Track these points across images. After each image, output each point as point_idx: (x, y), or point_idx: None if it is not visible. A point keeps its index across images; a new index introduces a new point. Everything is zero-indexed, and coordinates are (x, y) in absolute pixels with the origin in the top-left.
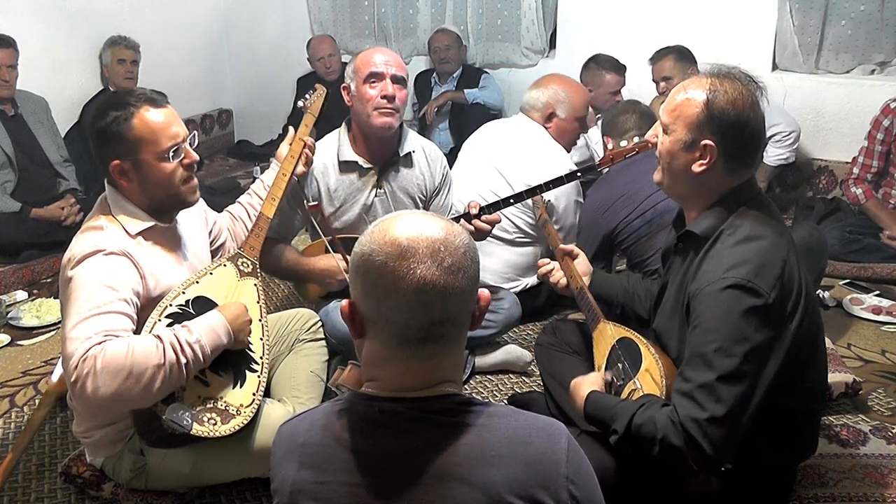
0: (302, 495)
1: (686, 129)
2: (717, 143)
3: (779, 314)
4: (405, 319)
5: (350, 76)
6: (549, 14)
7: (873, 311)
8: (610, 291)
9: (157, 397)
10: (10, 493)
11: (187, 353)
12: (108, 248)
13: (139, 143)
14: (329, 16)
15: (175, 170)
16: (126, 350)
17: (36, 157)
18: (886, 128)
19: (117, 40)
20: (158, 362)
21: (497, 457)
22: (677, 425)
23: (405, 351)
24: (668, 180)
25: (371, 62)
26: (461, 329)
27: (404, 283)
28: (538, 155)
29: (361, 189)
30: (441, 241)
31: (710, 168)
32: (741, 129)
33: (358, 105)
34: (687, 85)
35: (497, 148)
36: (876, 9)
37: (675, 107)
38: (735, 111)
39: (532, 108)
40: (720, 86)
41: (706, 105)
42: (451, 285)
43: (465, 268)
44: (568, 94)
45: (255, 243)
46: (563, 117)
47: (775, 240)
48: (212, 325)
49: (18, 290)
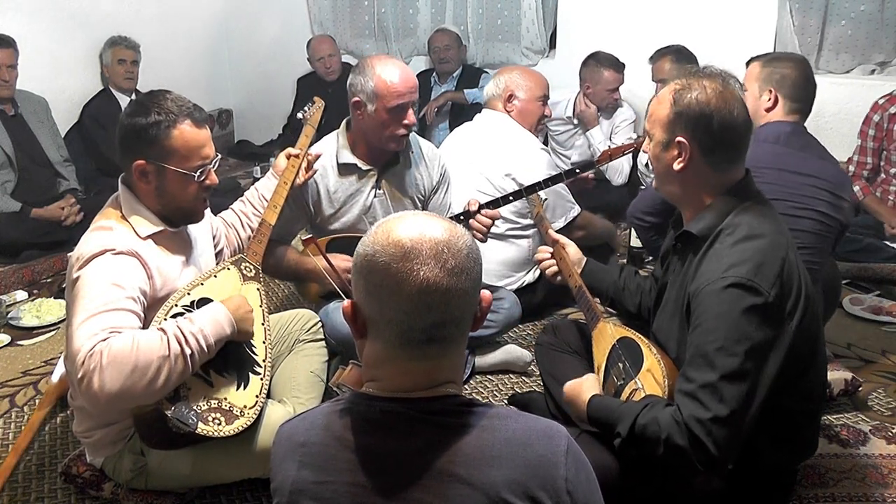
0: (302, 495)
1: (661, 130)
2: (689, 139)
3: (779, 312)
4: (408, 321)
5: (368, 96)
6: (549, 14)
7: (873, 311)
8: (600, 283)
9: (163, 392)
10: (10, 493)
11: (192, 344)
12: (117, 248)
13: (171, 154)
14: (329, 16)
15: (195, 188)
16: (131, 344)
17: (36, 157)
18: (877, 123)
19: (117, 40)
20: (163, 354)
21: (497, 458)
22: (681, 425)
23: (407, 352)
24: (658, 183)
25: (398, 92)
26: (463, 330)
27: (407, 284)
28: (507, 142)
29: (361, 191)
30: (444, 242)
31: (688, 164)
32: (709, 122)
33: (373, 126)
34: (664, 90)
35: (471, 148)
36: (876, 9)
37: (651, 112)
38: (699, 105)
39: (493, 98)
40: (687, 84)
41: (672, 103)
42: (454, 287)
43: (468, 269)
44: (522, 76)
45: (258, 248)
46: (523, 97)
47: (774, 238)
48: (215, 315)
49: (18, 290)
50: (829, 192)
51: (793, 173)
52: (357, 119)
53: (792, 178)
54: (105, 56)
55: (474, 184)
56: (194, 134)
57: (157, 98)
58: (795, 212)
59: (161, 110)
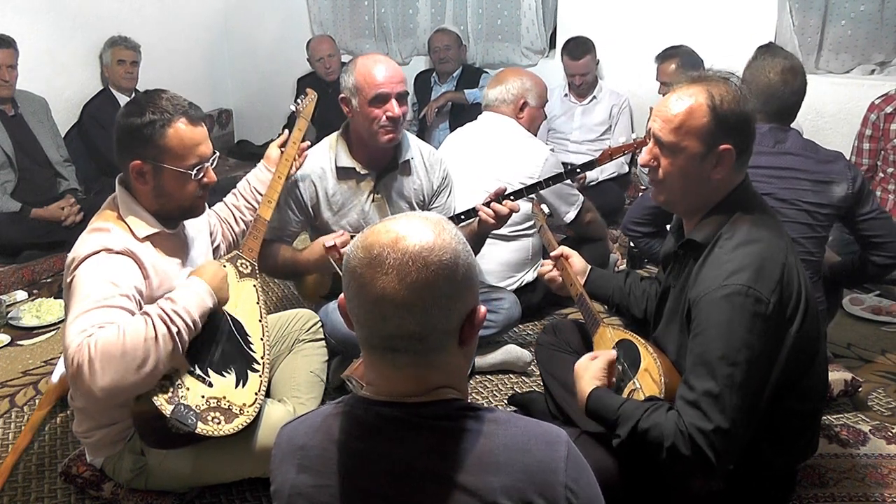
0: (301, 498)
1: (698, 141)
2: (734, 145)
3: (780, 319)
4: (368, 327)
5: (351, 91)
6: (548, 14)
7: (873, 311)
8: (605, 290)
9: (155, 375)
10: (10, 493)
11: (177, 322)
12: (112, 248)
13: (167, 153)
14: (329, 16)
15: (193, 186)
16: (118, 333)
17: (36, 157)
18: (873, 122)
19: (118, 41)
20: (150, 336)
21: (495, 463)
22: (685, 435)
23: (376, 357)
24: (678, 197)
25: (375, 83)
26: (431, 345)
27: (365, 291)
28: (520, 147)
29: (359, 195)
30: (414, 254)
31: (727, 172)
32: (748, 124)
33: (361, 121)
34: (679, 99)
35: (478, 151)
36: (876, 9)
37: (678, 123)
38: (739, 109)
39: (502, 103)
40: (714, 90)
41: (712, 110)
42: (410, 302)
43: (434, 286)
44: (533, 83)
45: (254, 245)
46: (534, 105)
47: (774, 242)
48: (195, 290)
49: (18, 290)
50: (810, 180)
51: (768, 168)
52: (349, 118)
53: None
54: (105, 56)
55: (482, 185)
56: (190, 132)
57: (152, 97)
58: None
59: (156, 109)
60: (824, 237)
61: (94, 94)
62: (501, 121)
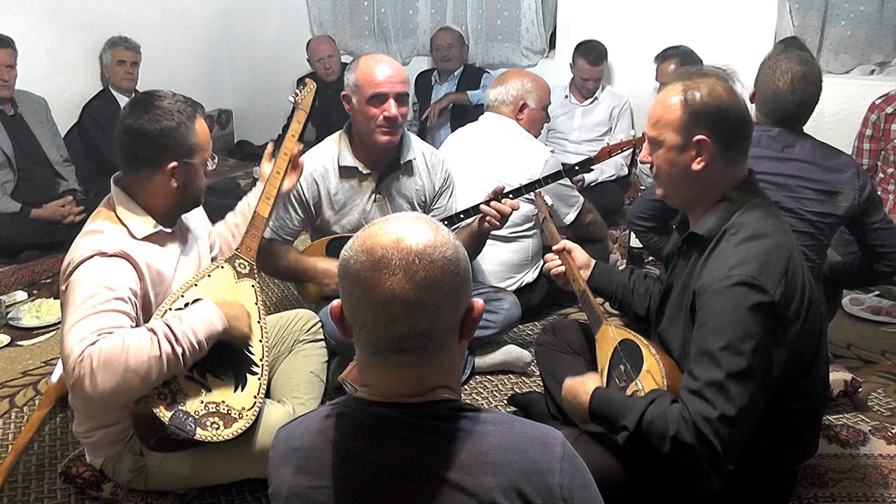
0: (298, 499)
1: (674, 133)
2: (709, 135)
3: (784, 311)
4: (376, 330)
5: (351, 88)
6: (548, 14)
7: (873, 312)
8: (608, 286)
9: (158, 382)
10: (10, 493)
11: (183, 343)
12: (106, 251)
13: (196, 148)
14: (329, 16)
15: (204, 176)
16: (121, 346)
17: (36, 157)
18: (874, 122)
19: (118, 41)
20: (155, 354)
21: (491, 463)
22: (689, 423)
23: (380, 359)
24: (672, 190)
25: (374, 82)
26: (440, 342)
27: (373, 294)
28: (520, 148)
29: (360, 194)
30: (419, 252)
31: (709, 162)
32: (725, 115)
33: (360, 120)
34: (660, 96)
35: (478, 151)
36: (876, 9)
37: (657, 119)
38: (713, 100)
39: (501, 104)
40: (691, 83)
41: (684, 104)
42: (420, 300)
43: (441, 283)
44: (534, 84)
45: (252, 244)
46: (534, 107)
47: (779, 238)
48: (205, 313)
49: (18, 290)
50: (815, 189)
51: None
52: (351, 116)
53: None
54: (105, 57)
55: (481, 186)
56: (204, 125)
57: (161, 99)
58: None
59: (177, 110)
60: (826, 244)
61: (93, 95)
62: (502, 122)
